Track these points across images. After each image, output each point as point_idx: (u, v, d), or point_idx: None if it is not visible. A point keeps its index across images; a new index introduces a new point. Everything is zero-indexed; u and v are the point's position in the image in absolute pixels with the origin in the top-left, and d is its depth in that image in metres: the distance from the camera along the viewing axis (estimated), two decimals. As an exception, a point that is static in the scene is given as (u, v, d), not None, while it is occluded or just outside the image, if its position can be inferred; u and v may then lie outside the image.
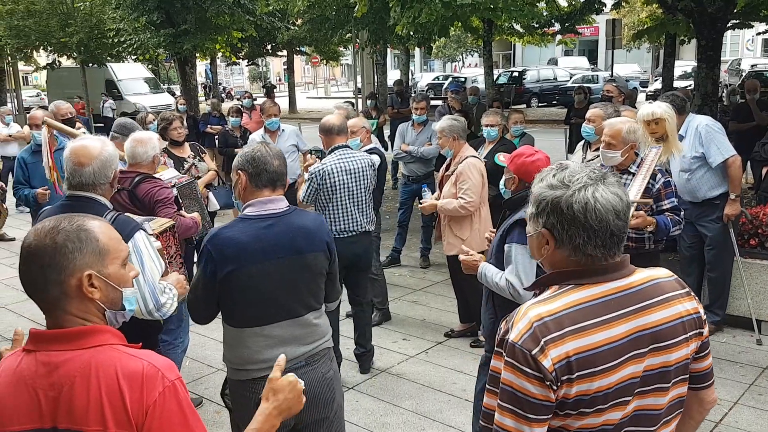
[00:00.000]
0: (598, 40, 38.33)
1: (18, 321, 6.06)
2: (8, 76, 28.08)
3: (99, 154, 2.80)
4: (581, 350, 1.54)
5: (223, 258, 2.48)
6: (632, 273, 1.66)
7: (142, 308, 2.74)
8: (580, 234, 1.59)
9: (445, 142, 5.20)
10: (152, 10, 14.43)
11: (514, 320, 1.61)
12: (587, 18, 16.12)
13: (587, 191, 1.59)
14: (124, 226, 2.74)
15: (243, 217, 2.58)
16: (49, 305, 1.55)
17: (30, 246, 1.53)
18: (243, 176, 2.58)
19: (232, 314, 2.59)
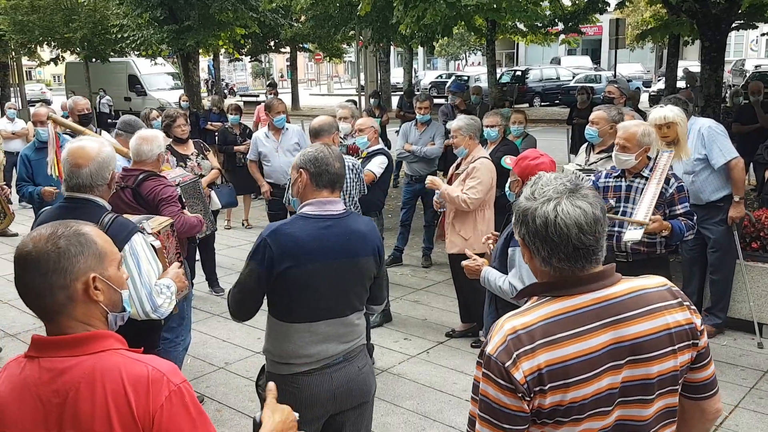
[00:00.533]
0: (601, 40, 38.26)
1: (20, 317, 6.07)
2: (12, 71, 28.11)
3: (96, 156, 2.81)
4: (552, 362, 1.56)
5: (282, 254, 2.51)
6: (615, 283, 1.66)
7: (138, 310, 2.76)
8: (544, 247, 1.62)
9: (460, 141, 5.18)
10: (155, 6, 14.44)
11: (492, 333, 1.65)
12: (591, 17, 16.11)
13: (549, 205, 1.61)
14: (122, 228, 2.77)
15: (303, 215, 2.60)
16: (52, 312, 1.53)
17: (30, 254, 1.51)
18: (304, 174, 2.61)
19: (284, 309, 2.61)
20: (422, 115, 7.53)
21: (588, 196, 1.63)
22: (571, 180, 1.66)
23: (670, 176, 4.01)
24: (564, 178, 1.67)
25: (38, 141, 5.61)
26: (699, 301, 5.36)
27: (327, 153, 2.66)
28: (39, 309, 1.54)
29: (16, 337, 5.68)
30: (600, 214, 1.62)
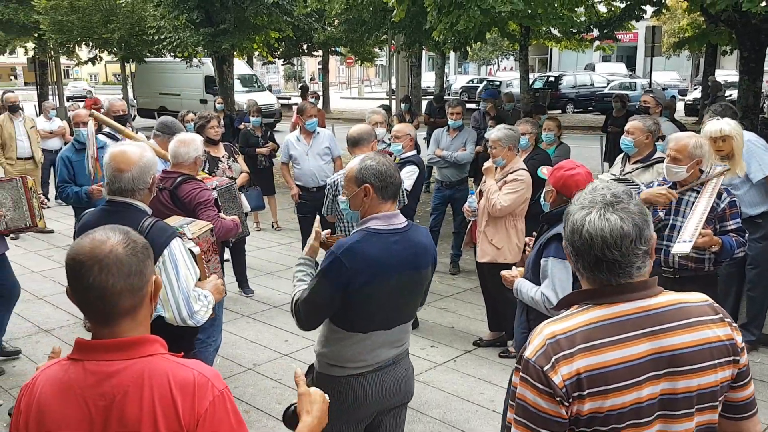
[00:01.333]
0: (636, 47, 37.78)
1: (55, 313, 6.21)
2: (50, 69, 28.75)
3: (138, 160, 2.85)
4: (592, 368, 1.57)
5: (357, 272, 2.50)
6: (656, 295, 1.66)
7: (175, 315, 2.79)
8: (572, 252, 1.67)
9: (499, 152, 5.14)
10: (192, 9, 14.63)
11: (531, 338, 1.68)
12: (626, 24, 15.92)
13: (580, 213, 1.64)
14: (161, 232, 2.80)
15: (372, 231, 2.59)
16: (120, 314, 1.55)
17: (108, 257, 1.52)
18: (370, 189, 2.60)
19: (347, 319, 2.62)
20: (454, 120, 7.52)
21: (627, 209, 1.62)
22: (616, 192, 1.65)
23: (722, 190, 3.91)
24: (610, 189, 1.67)
25: (78, 142, 5.70)
26: (734, 317, 5.26)
27: (388, 164, 2.65)
28: (107, 311, 1.54)
29: (50, 333, 5.79)
30: (631, 230, 1.60)
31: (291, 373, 4.94)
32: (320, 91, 30.04)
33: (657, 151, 4.87)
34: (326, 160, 6.93)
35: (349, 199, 2.67)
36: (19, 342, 5.54)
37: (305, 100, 11.66)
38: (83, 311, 1.58)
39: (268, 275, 7.31)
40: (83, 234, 1.60)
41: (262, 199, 7.48)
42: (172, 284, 2.78)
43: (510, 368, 4.76)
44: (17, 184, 4.76)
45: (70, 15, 20.53)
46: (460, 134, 7.53)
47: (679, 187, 3.99)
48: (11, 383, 4.83)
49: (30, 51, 28.49)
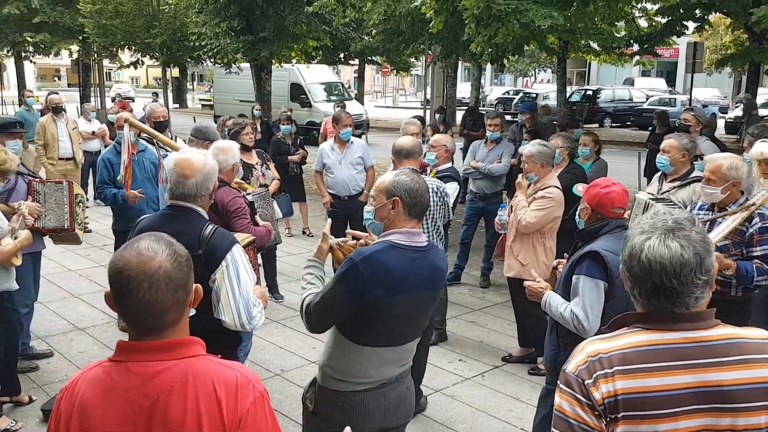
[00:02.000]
0: (677, 62, 37.20)
1: (90, 311, 6.32)
2: (93, 72, 29.46)
3: (202, 167, 2.90)
4: (629, 391, 1.55)
5: (374, 281, 2.50)
6: (711, 327, 1.61)
7: (235, 320, 2.80)
8: (629, 277, 1.64)
9: (531, 168, 5.08)
10: (233, 17, 14.87)
11: (573, 354, 1.67)
12: (667, 40, 15.68)
13: (640, 237, 1.61)
14: (224, 238, 2.85)
15: (393, 244, 2.58)
16: (166, 326, 1.57)
17: (157, 273, 1.53)
18: (399, 203, 2.62)
19: (360, 333, 2.61)
20: (492, 132, 7.48)
21: (688, 237, 1.58)
22: (678, 218, 1.62)
23: (755, 215, 3.78)
24: (672, 214, 1.65)
25: (119, 144, 5.81)
26: None
27: (421, 184, 2.67)
28: (154, 324, 1.56)
29: (85, 331, 5.90)
30: (691, 258, 1.56)
31: (318, 381, 4.97)
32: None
33: (695, 170, 4.78)
34: (359, 170, 6.96)
35: (376, 210, 2.68)
36: (53, 339, 5.65)
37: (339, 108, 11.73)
38: (128, 323, 1.59)
39: (298, 281, 7.30)
40: (128, 244, 1.60)
41: (291, 206, 7.54)
42: (234, 289, 2.80)
43: (539, 386, 4.70)
44: (63, 187, 4.91)
45: (114, 19, 21.03)
46: (497, 147, 7.49)
47: (717, 208, 3.91)
48: (44, 380, 4.93)
49: (74, 53, 29.28)
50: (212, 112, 25.27)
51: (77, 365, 5.14)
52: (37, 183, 4.87)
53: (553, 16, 8.28)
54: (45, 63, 46.63)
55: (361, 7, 11.68)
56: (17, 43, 26.71)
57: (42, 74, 62.11)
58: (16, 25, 24.38)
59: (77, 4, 22.09)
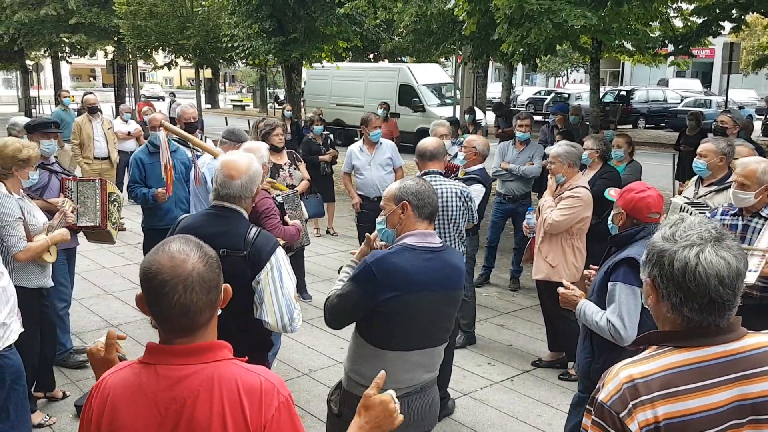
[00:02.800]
0: (713, 63, 36.46)
1: (123, 308, 6.42)
2: (128, 72, 29.96)
3: (248, 169, 2.94)
4: (672, 416, 1.49)
5: (387, 283, 2.54)
6: (741, 337, 1.58)
7: (278, 321, 2.83)
8: (677, 293, 1.55)
9: (558, 168, 5.05)
10: (265, 18, 14.99)
11: (605, 380, 1.59)
12: (703, 40, 15.37)
13: (692, 251, 1.53)
14: (268, 240, 2.89)
15: (407, 246, 2.63)
16: (200, 326, 1.59)
17: (191, 275, 1.55)
18: (408, 206, 2.67)
19: (381, 336, 2.63)
20: (522, 133, 7.41)
21: (732, 247, 1.55)
22: (717, 228, 1.58)
23: None
24: (709, 224, 1.60)
25: (152, 145, 5.90)
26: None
27: (427, 186, 2.73)
28: (189, 325, 1.57)
29: (118, 328, 5.99)
30: (743, 269, 1.54)
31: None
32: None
33: (732, 174, 4.68)
34: (388, 171, 6.97)
35: (387, 217, 2.73)
36: (87, 336, 5.76)
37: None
38: (161, 324, 1.60)
39: (326, 281, 7.37)
40: (158, 247, 1.61)
41: (321, 206, 7.57)
42: (277, 291, 2.83)
43: (570, 391, 4.65)
44: (95, 185, 4.98)
45: (148, 20, 21.35)
46: (527, 148, 7.41)
47: (746, 213, 3.82)
48: (78, 376, 5.02)
49: (109, 54, 29.81)
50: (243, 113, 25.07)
51: (110, 362, 5.22)
52: (69, 181, 4.96)
53: (587, 16, 8.18)
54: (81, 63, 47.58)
55: (392, 8, 11.68)
56: (54, 44, 27.30)
57: (77, 74, 63.39)
58: (53, 26, 24.91)
59: (113, 6, 22.47)
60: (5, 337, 3.24)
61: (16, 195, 4.03)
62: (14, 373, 3.28)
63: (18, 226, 3.93)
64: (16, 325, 3.35)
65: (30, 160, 4.13)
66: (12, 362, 3.27)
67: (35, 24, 24.41)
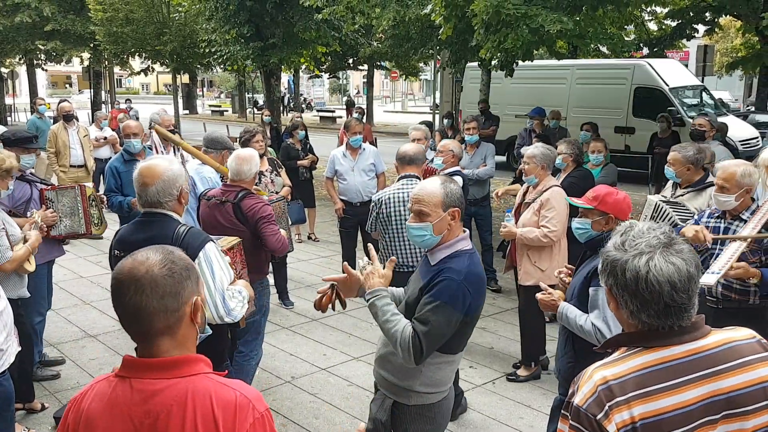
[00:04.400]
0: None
1: (101, 318, 6.35)
2: (104, 78, 29.69)
3: (162, 174, 2.94)
4: (647, 415, 1.52)
5: (477, 294, 2.61)
6: (706, 335, 1.62)
7: (213, 314, 2.90)
8: (633, 301, 1.58)
9: (532, 170, 5.04)
10: (243, 24, 14.96)
11: (579, 383, 1.61)
12: (677, 43, 15.63)
13: (641, 259, 1.56)
14: (196, 237, 2.93)
15: (471, 252, 2.68)
16: (155, 334, 1.57)
17: (145, 277, 1.55)
18: (459, 213, 2.67)
19: (458, 343, 2.69)
20: (470, 135, 7.46)
21: (683, 251, 1.58)
22: (666, 233, 1.61)
23: None
24: (658, 230, 1.62)
25: (126, 153, 5.84)
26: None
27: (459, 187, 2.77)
28: (143, 330, 1.57)
29: (96, 338, 5.92)
30: (694, 272, 1.57)
31: (328, 387, 4.95)
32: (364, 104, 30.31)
33: (710, 176, 4.75)
34: (371, 176, 6.98)
35: (434, 225, 2.62)
36: (65, 346, 5.68)
37: (350, 115, 11.77)
38: (125, 329, 1.61)
39: (308, 287, 7.35)
40: (137, 251, 1.62)
41: (303, 213, 7.57)
42: (209, 284, 2.90)
43: (551, 393, 4.68)
44: (76, 193, 4.95)
45: (124, 27, 21.16)
46: (478, 150, 7.49)
47: (728, 216, 3.88)
48: (56, 387, 4.95)
49: (85, 60, 29.53)
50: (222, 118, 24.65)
51: (89, 372, 5.16)
52: (48, 191, 4.90)
53: (563, 21, 8.27)
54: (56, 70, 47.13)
55: (370, 13, 11.71)
56: (29, 51, 27.02)
57: (53, 81, 62.70)
58: (28, 33, 24.63)
59: (88, 12, 22.25)
60: (2, 363, 3.21)
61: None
62: (5, 400, 3.25)
63: (2, 237, 3.89)
64: (13, 347, 3.32)
65: (11, 170, 4.12)
66: (3, 389, 3.24)
67: (10, 31, 24.12)
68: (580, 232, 3.43)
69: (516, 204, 5.42)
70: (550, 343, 5.17)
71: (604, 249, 1.67)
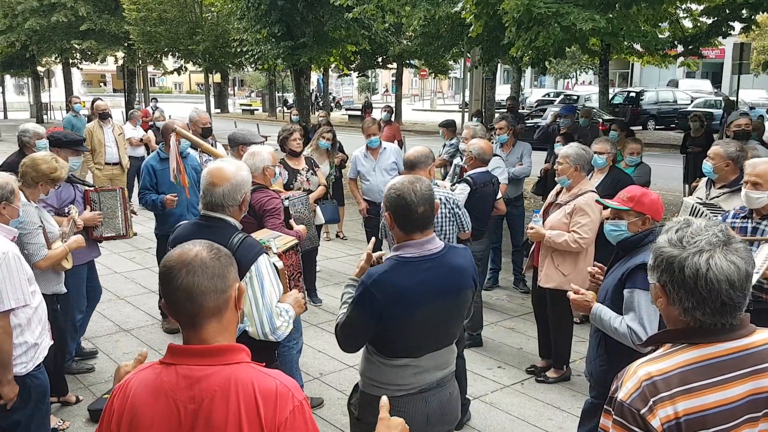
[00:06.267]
0: (723, 64, 36.27)
1: (135, 313, 6.46)
2: (138, 77, 30.15)
3: (232, 177, 2.94)
4: (691, 411, 1.52)
5: (390, 304, 2.49)
6: (752, 333, 1.61)
7: (258, 330, 2.86)
8: (689, 298, 1.57)
9: (565, 170, 4.87)
10: (274, 23, 15.08)
11: (623, 378, 1.61)
12: (713, 41, 15.29)
13: (702, 257, 1.55)
14: (250, 248, 2.88)
15: (402, 259, 2.54)
16: (206, 315, 1.63)
17: (196, 259, 1.63)
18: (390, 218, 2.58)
19: (387, 349, 2.62)
20: (501, 135, 7.39)
21: (740, 250, 1.58)
22: (723, 231, 1.60)
23: None
24: (716, 227, 1.61)
25: (163, 152, 5.94)
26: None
27: (409, 197, 2.52)
28: (194, 311, 1.62)
29: (130, 332, 6.03)
30: (751, 270, 1.57)
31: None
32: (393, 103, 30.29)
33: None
34: (393, 175, 6.99)
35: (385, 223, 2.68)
36: (99, 340, 5.79)
37: (367, 116, 11.81)
38: (174, 315, 1.67)
39: (336, 285, 7.39)
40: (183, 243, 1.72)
41: (337, 213, 7.61)
42: (257, 300, 2.84)
43: (581, 395, 4.64)
44: (117, 195, 5.10)
45: (158, 26, 21.50)
46: (515, 149, 7.42)
47: (756, 215, 3.80)
48: (90, 380, 5.05)
49: (119, 60, 30.03)
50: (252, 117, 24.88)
51: (122, 366, 5.26)
52: (92, 192, 5.03)
53: (595, 19, 8.16)
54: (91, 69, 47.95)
55: (401, 12, 11.70)
56: (65, 50, 27.55)
57: (88, 80, 63.87)
58: (64, 33, 25.14)
59: (122, 12, 22.63)
60: (36, 356, 3.28)
61: (33, 204, 4.09)
62: (40, 393, 3.32)
63: (39, 235, 3.99)
64: (46, 342, 3.39)
65: (59, 180, 4.23)
66: (39, 382, 3.31)
67: (46, 31, 24.65)
68: (615, 234, 3.36)
69: (546, 203, 5.31)
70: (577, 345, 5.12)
71: (658, 245, 1.65)
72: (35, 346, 3.25)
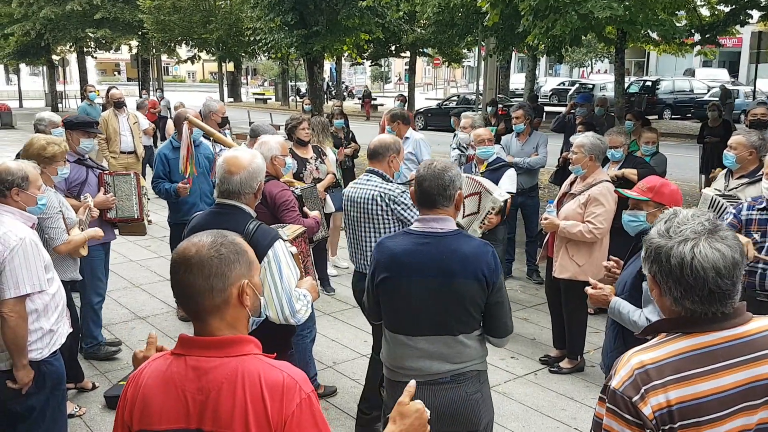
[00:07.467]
0: (740, 52, 35.81)
1: (150, 301, 6.51)
2: (152, 66, 30.26)
3: (248, 165, 2.97)
4: (684, 399, 1.53)
5: (380, 264, 2.73)
6: (747, 321, 1.62)
7: (279, 314, 2.88)
8: (677, 287, 1.59)
9: (580, 159, 4.82)
10: (287, 11, 15.06)
11: (617, 367, 1.64)
12: (730, 29, 15.08)
13: (686, 246, 1.57)
14: (266, 234, 2.90)
15: (407, 230, 2.79)
16: (206, 313, 1.64)
17: (194, 258, 1.62)
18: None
19: (386, 317, 2.84)
20: (517, 125, 7.33)
21: (727, 238, 1.59)
22: (710, 219, 1.62)
23: None
24: (702, 216, 1.63)
25: (175, 141, 5.95)
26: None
27: (420, 170, 2.77)
28: (194, 308, 1.64)
29: (146, 320, 6.08)
30: (739, 258, 1.57)
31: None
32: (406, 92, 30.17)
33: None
34: (412, 166, 6.95)
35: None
36: (115, 328, 5.84)
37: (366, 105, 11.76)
38: (181, 307, 1.68)
39: (349, 275, 7.37)
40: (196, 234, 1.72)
41: None
42: (276, 284, 2.86)
43: (594, 385, 4.62)
44: (131, 178, 5.15)
45: (172, 15, 21.56)
46: (530, 138, 7.35)
47: None
48: (106, 367, 5.10)
49: (134, 48, 30.14)
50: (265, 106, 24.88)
51: (137, 353, 5.31)
52: (107, 175, 5.08)
53: (613, 7, 8.08)
54: (105, 58, 48.13)
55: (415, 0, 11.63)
56: (79, 39, 27.67)
57: (102, 69, 64.15)
58: (78, 21, 25.26)
59: (137, 0, 22.69)
60: (52, 343, 3.30)
61: (51, 189, 4.09)
62: (56, 379, 3.35)
63: (59, 219, 4.01)
64: (64, 328, 3.41)
65: (55, 157, 4.18)
66: (55, 368, 3.33)
67: (61, 19, 24.77)
68: (633, 224, 3.34)
69: (560, 193, 5.28)
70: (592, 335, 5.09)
71: (648, 236, 1.67)
72: (51, 332, 3.27)
